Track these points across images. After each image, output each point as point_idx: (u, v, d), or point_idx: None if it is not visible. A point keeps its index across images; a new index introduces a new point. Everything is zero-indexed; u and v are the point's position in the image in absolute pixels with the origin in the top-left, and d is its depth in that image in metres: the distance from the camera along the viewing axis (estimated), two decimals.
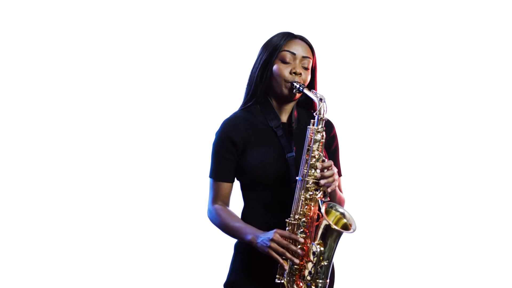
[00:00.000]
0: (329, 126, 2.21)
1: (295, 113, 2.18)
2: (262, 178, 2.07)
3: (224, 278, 2.20)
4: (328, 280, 1.98)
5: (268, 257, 1.99)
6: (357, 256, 3.62)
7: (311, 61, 2.13)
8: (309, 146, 2.00)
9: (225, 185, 2.14)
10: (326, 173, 1.98)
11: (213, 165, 2.15)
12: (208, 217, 2.17)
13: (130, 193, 3.70)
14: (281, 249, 1.94)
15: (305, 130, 2.08)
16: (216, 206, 2.14)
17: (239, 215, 2.16)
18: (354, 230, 1.95)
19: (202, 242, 3.63)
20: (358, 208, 3.36)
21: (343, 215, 1.99)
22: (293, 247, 1.95)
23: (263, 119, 2.13)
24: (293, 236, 1.96)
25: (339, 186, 2.16)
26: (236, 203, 2.20)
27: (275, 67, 2.10)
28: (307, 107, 2.23)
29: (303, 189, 1.99)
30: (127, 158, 3.71)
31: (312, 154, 1.99)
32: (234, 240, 2.17)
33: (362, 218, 3.29)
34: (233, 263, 2.17)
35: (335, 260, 2.01)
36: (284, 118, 2.16)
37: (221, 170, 2.12)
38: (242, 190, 2.17)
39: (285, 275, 1.98)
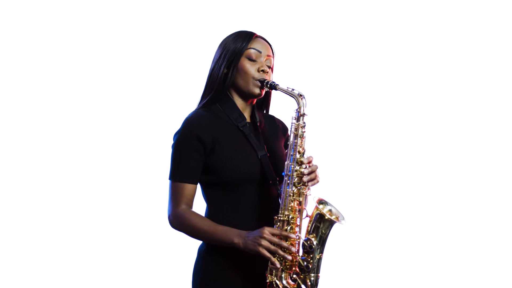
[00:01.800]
0: (281, 123, 2.23)
1: (257, 112, 2.17)
2: (235, 178, 2.02)
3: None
4: (319, 274, 1.98)
5: (246, 257, 1.96)
6: (354, 255, 3.63)
7: (272, 60, 2.14)
8: (294, 141, 2.00)
9: (190, 186, 2.04)
10: (310, 169, 1.99)
11: (176, 166, 2.04)
12: (170, 221, 2.06)
13: (131, 194, 3.65)
14: (273, 247, 1.91)
15: (269, 130, 2.11)
16: (182, 210, 2.03)
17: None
18: (344, 222, 1.97)
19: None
20: (355, 207, 3.42)
21: (330, 211, 2.00)
22: (285, 244, 1.93)
23: (226, 118, 2.09)
24: (284, 232, 1.94)
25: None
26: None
27: (241, 65, 2.07)
28: (262, 108, 2.24)
29: (290, 185, 1.98)
30: (126, 159, 3.66)
31: (297, 150, 2.00)
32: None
33: (359, 217, 3.37)
34: (201, 269, 2.07)
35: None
36: (247, 117, 2.14)
37: (186, 171, 2.03)
38: (206, 189, 2.08)
39: (274, 273, 1.96)
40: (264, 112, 2.26)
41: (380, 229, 3.66)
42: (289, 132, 2.04)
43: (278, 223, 1.97)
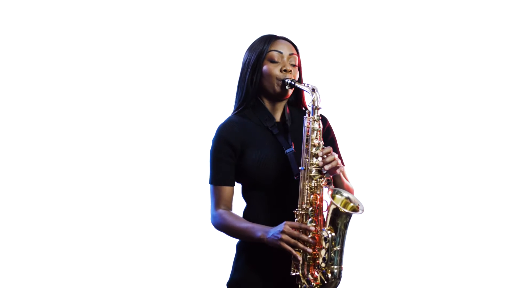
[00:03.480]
0: (323, 120, 2.23)
1: (287, 110, 2.21)
2: (263, 176, 2.10)
3: (226, 278, 2.20)
4: (342, 266, 1.98)
5: (275, 254, 2.00)
6: (358, 255, 3.58)
7: (297, 58, 2.18)
8: (307, 135, 2.03)
9: (226, 188, 2.15)
10: (327, 158, 2.00)
11: (212, 171, 2.16)
12: (212, 223, 2.17)
13: (132, 194, 3.70)
14: (293, 240, 1.94)
15: (299, 127, 2.12)
16: (220, 210, 2.14)
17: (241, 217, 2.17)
18: (362, 211, 1.96)
19: (204, 243, 3.63)
20: (366, 201, 3.38)
21: (348, 199, 2.00)
22: (305, 237, 1.95)
23: (257, 121, 2.16)
24: (303, 225, 1.96)
25: (344, 175, 2.18)
26: (237, 205, 2.20)
27: (264, 67, 2.14)
28: (297, 105, 2.27)
29: (307, 179, 2.01)
30: (129, 159, 3.71)
31: (312, 143, 2.02)
32: (236, 241, 2.18)
33: (371, 211, 3.31)
34: (236, 262, 2.18)
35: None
36: (277, 117, 2.19)
37: (221, 175, 2.14)
38: (244, 192, 2.19)
39: (299, 267, 1.98)
40: (304, 109, 2.29)
41: (400, 219, 3.67)
42: (303, 126, 2.07)
43: (298, 217, 2.00)
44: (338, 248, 1.97)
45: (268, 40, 2.17)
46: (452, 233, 3.67)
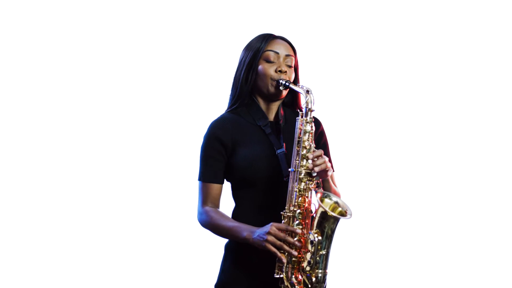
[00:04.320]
0: (316, 123, 2.22)
1: (281, 111, 2.20)
2: (253, 175, 2.07)
3: (214, 279, 2.17)
4: (327, 271, 1.95)
5: (261, 255, 1.97)
6: (361, 252, 3.61)
7: (294, 59, 2.17)
8: (299, 137, 2.01)
9: (215, 186, 2.12)
10: (317, 161, 1.98)
11: (202, 167, 2.14)
12: (198, 220, 2.15)
13: (122, 195, 3.69)
14: (278, 242, 1.92)
15: (292, 128, 2.11)
16: (207, 208, 2.12)
17: (230, 216, 2.14)
18: (350, 216, 1.94)
19: (192, 244, 3.61)
20: (362, 203, 3.39)
21: (337, 203, 1.98)
22: (291, 239, 1.92)
23: (250, 119, 2.15)
24: (290, 228, 1.94)
25: (333, 180, 2.16)
26: (227, 205, 2.18)
27: (260, 67, 2.12)
28: (293, 106, 2.26)
29: (296, 181, 1.98)
30: (120, 159, 3.70)
31: (303, 145, 2.00)
32: (224, 241, 2.16)
33: (359, 216, 3.29)
34: (224, 263, 2.15)
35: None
36: (271, 117, 2.18)
37: (211, 171, 2.12)
38: (233, 190, 2.16)
39: (283, 269, 1.95)
40: (298, 111, 2.27)
41: (387, 225, 3.65)
42: (296, 128, 2.05)
43: (285, 219, 1.98)
44: (324, 252, 1.94)
45: (265, 39, 2.15)
46: (442, 236, 3.66)
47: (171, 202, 3.65)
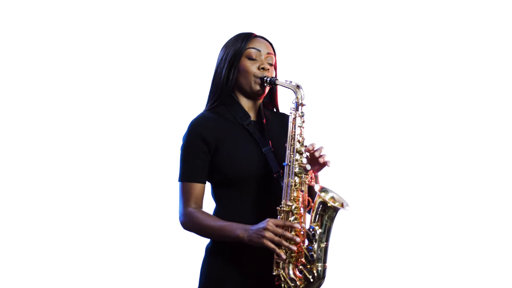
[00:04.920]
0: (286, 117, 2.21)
1: (263, 110, 2.18)
2: (240, 175, 2.03)
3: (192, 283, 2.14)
4: (326, 264, 1.94)
5: (252, 254, 1.95)
6: (360, 245, 3.61)
7: (274, 58, 2.16)
8: (292, 132, 2.00)
9: (198, 186, 2.07)
10: (316, 153, 1.99)
11: (184, 167, 2.08)
12: (181, 222, 2.08)
13: (118, 195, 3.66)
14: (277, 238, 1.89)
15: (273, 127, 2.12)
16: (190, 209, 2.05)
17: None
18: (348, 207, 1.94)
19: (172, 245, 3.59)
20: (359, 197, 3.32)
21: (333, 198, 1.97)
22: (289, 235, 1.90)
23: (232, 118, 2.11)
24: (287, 223, 1.91)
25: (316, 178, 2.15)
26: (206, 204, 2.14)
27: (242, 64, 2.10)
28: (270, 106, 2.25)
29: (291, 175, 1.97)
30: (129, 159, 3.68)
31: (297, 139, 1.99)
32: (204, 244, 2.11)
33: (357, 215, 3.28)
34: (208, 267, 2.08)
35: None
36: (252, 115, 2.16)
37: (194, 171, 2.06)
38: (215, 189, 2.11)
39: (281, 265, 1.93)
40: (275, 110, 2.27)
41: (386, 218, 3.65)
42: (288, 123, 2.03)
43: (282, 214, 1.95)
44: (323, 245, 1.93)
45: (246, 38, 2.14)
46: (439, 231, 3.66)
47: (165, 203, 3.58)
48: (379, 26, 3.71)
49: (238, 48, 2.11)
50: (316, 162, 2.02)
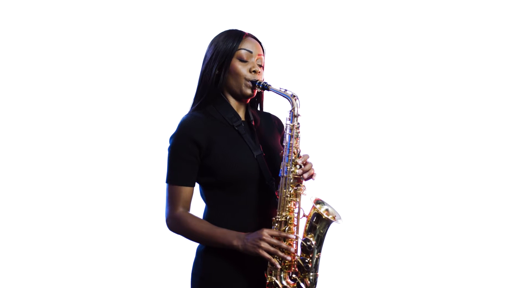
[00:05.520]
0: (275, 119, 2.25)
1: (251, 111, 2.18)
2: (233, 178, 2.03)
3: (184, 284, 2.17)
4: (318, 273, 2.01)
5: (239, 258, 1.99)
6: (352, 254, 3.64)
7: (263, 58, 2.14)
8: (289, 142, 2.02)
9: (187, 189, 2.06)
10: (305, 167, 2.01)
11: (172, 169, 2.06)
12: (169, 225, 2.07)
13: (126, 195, 3.66)
14: (272, 249, 1.94)
15: (263, 128, 2.13)
16: (180, 212, 2.05)
17: (202, 217, 2.11)
18: (341, 221, 2.00)
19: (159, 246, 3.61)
20: (352, 207, 3.42)
21: (327, 210, 2.03)
22: (284, 245, 1.95)
23: (221, 118, 2.09)
24: (283, 234, 1.96)
25: None
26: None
27: (233, 66, 2.08)
28: (255, 106, 2.25)
29: (286, 186, 2.00)
30: (125, 160, 3.67)
31: (292, 151, 2.01)
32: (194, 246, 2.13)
33: (355, 217, 3.37)
34: (201, 269, 2.09)
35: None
36: (241, 116, 2.15)
37: (183, 174, 2.04)
38: (205, 191, 2.10)
39: (274, 274, 1.99)
40: (258, 109, 2.27)
41: (377, 228, 3.67)
42: (283, 133, 2.05)
43: (276, 224, 1.99)
44: (316, 256, 1.99)
45: (237, 37, 2.10)
46: (435, 238, 3.68)
47: (155, 202, 3.58)
48: (375, 28, 3.70)
49: (229, 48, 2.08)
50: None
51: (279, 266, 1.96)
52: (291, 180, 2.00)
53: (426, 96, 3.69)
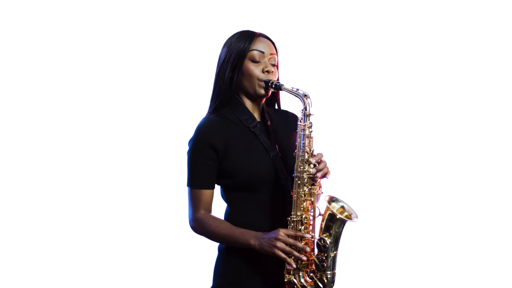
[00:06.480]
0: (293, 117, 2.24)
1: (267, 110, 2.19)
2: (250, 179, 2.06)
3: (207, 283, 2.18)
4: (335, 271, 2.01)
5: (265, 256, 2.00)
6: (368, 252, 3.64)
7: (277, 58, 2.15)
8: (302, 142, 2.02)
9: (207, 192, 2.10)
10: (319, 166, 2.02)
11: (192, 173, 2.10)
12: (192, 226, 2.12)
13: (119, 196, 3.69)
14: (288, 248, 1.95)
15: (279, 127, 2.13)
16: (201, 215, 2.09)
17: (223, 217, 2.14)
18: (356, 219, 2.00)
19: (186, 246, 3.61)
20: (365, 205, 3.32)
21: (343, 207, 2.03)
22: (300, 245, 1.96)
23: (237, 120, 2.11)
24: (299, 233, 1.97)
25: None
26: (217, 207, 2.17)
27: (246, 67, 2.09)
28: (273, 104, 2.26)
29: (300, 186, 2.01)
30: (131, 160, 3.69)
31: (306, 150, 2.02)
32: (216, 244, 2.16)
33: (369, 214, 3.32)
34: (223, 266, 2.13)
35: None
36: (257, 116, 2.16)
37: (202, 178, 2.08)
38: (226, 192, 2.14)
39: (292, 273, 2.00)
40: (276, 107, 2.28)
41: (393, 225, 3.66)
42: (297, 133, 2.05)
43: (292, 224, 2.01)
44: (332, 254, 2.00)
45: (249, 38, 2.11)
46: (442, 236, 3.68)
47: (168, 204, 3.65)
48: (387, 27, 3.70)
49: (241, 49, 2.09)
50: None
51: (294, 266, 1.97)
52: (305, 180, 2.01)
53: (443, 96, 3.69)
